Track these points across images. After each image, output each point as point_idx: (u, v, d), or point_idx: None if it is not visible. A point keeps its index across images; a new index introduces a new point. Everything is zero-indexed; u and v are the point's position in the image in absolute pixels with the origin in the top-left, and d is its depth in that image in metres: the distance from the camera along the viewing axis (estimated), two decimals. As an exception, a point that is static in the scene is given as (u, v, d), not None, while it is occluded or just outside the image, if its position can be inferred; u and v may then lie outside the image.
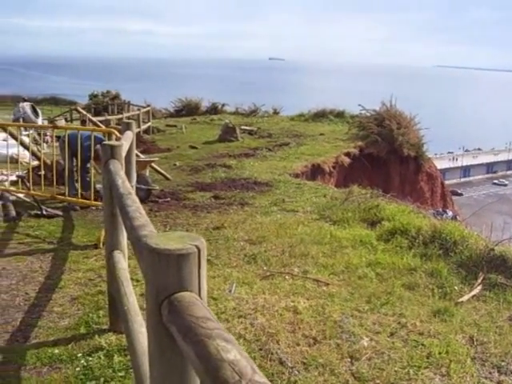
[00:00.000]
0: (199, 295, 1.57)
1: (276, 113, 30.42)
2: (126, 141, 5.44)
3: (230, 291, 5.57)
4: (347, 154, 18.30)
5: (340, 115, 26.57)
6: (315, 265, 6.62)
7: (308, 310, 5.24)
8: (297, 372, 4.11)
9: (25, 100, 24.15)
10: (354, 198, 9.93)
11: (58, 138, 11.11)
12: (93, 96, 38.49)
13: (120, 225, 4.45)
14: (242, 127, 21.52)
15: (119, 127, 8.33)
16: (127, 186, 3.16)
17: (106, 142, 4.86)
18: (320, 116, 26.40)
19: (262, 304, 5.30)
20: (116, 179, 3.42)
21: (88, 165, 9.34)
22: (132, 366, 3.10)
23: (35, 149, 11.37)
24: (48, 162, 10.03)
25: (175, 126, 24.32)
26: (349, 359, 4.39)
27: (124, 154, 4.54)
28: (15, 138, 10.47)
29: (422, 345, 4.67)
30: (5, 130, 10.75)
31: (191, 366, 1.36)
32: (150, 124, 23.10)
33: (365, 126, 20.88)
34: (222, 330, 1.32)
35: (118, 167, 3.92)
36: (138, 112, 23.00)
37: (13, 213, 8.65)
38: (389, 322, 5.10)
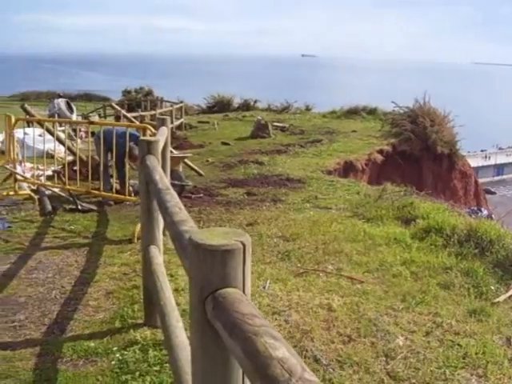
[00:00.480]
0: (243, 291, 1.56)
1: (308, 109, 30.34)
2: (162, 137, 5.46)
3: (264, 288, 5.57)
4: (380, 152, 18.17)
5: (372, 112, 26.41)
6: (349, 262, 6.58)
7: (342, 307, 5.21)
8: (332, 370, 4.09)
9: (60, 96, 24.46)
10: (388, 195, 9.84)
11: (93, 133, 11.24)
12: (126, 92, 38.87)
13: (156, 220, 4.47)
14: (274, 124, 21.49)
15: (154, 123, 8.39)
16: (165, 182, 3.17)
17: (143, 138, 4.89)
18: (352, 113, 26.28)
19: (296, 301, 5.29)
20: (154, 175, 3.43)
21: (123, 160, 9.42)
22: (169, 360, 3.12)
23: (71, 144, 11.51)
24: (83, 157, 10.14)
25: (207, 122, 24.41)
26: (384, 358, 4.35)
27: (160, 149, 4.56)
28: (52, 134, 10.59)
29: (458, 345, 4.61)
30: (41, 126, 10.89)
31: (237, 362, 1.35)
32: (182, 120, 23.21)
33: (398, 123, 20.71)
34: (269, 327, 1.31)
35: (155, 163, 3.94)
36: (170, 108, 23.14)
37: (49, 207, 8.77)
38: (424, 321, 5.05)
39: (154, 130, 7.79)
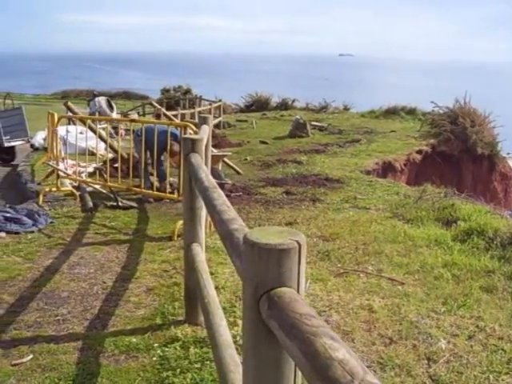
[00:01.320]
0: (297, 291, 1.56)
1: (346, 109, 30.24)
2: (204, 135, 5.48)
3: (305, 287, 5.54)
4: (419, 152, 18.00)
5: (412, 112, 26.19)
6: (389, 263, 6.53)
7: (383, 308, 5.17)
8: (373, 372, 4.05)
9: (95, 95, 24.80)
10: (428, 196, 9.75)
11: (133, 131, 11.33)
12: (165, 91, 39.18)
13: (199, 218, 4.49)
14: (313, 123, 21.46)
15: (194, 121, 8.43)
16: (211, 180, 3.18)
17: (188, 136, 4.91)
18: (391, 113, 26.09)
19: (337, 301, 5.27)
20: (199, 173, 3.44)
21: (163, 158, 9.49)
22: (214, 358, 3.12)
23: (112, 142, 11.64)
24: (124, 154, 10.24)
25: (246, 121, 24.48)
26: (426, 361, 4.30)
27: (204, 147, 4.58)
28: (94, 131, 10.72)
29: (502, 350, 4.52)
30: (83, 123, 11.03)
31: (292, 362, 1.35)
32: (221, 119, 23.30)
33: (437, 123, 20.48)
34: (326, 327, 1.30)
35: (199, 161, 3.96)
36: (209, 107, 23.25)
37: (90, 203, 8.88)
38: (466, 324, 4.97)
39: (194, 128, 7.83)
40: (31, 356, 4.30)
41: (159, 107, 16.31)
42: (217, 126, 22.10)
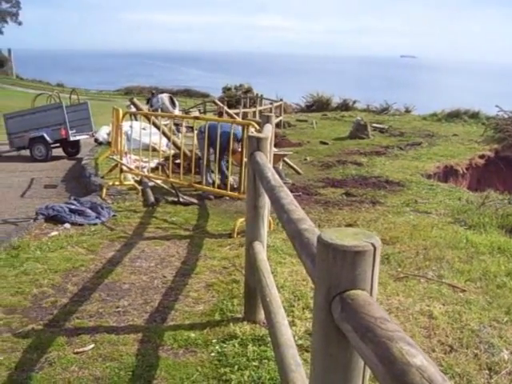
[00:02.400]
0: (370, 294, 1.54)
1: (408, 111, 29.83)
2: (267, 133, 5.50)
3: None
4: (481, 157, 17.58)
5: (475, 116, 25.61)
6: (450, 270, 6.39)
7: (444, 315, 5.07)
8: (433, 379, 3.98)
9: (153, 93, 25.18)
10: (491, 202, 9.52)
11: (192, 128, 11.42)
12: (226, 89, 39.45)
13: (262, 216, 4.51)
14: (373, 125, 21.26)
15: (257, 120, 8.46)
16: (278, 179, 3.18)
17: (253, 134, 4.93)
18: (453, 116, 25.57)
19: (396, 306, 5.20)
20: (266, 171, 3.45)
21: (225, 156, 9.55)
22: (275, 358, 3.12)
23: (175, 138, 11.79)
24: (187, 151, 10.35)
25: (306, 121, 24.42)
26: (487, 371, 4.20)
27: (269, 146, 4.59)
28: (158, 127, 10.89)
29: None
30: (149, 120, 11.21)
31: (369, 366, 1.33)
32: (281, 118, 23.30)
33: (502, 128, 19.97)
34: (402, 332, 1.29)
35: (265, 159, 3.96)
36: (270, 106, 23.26)
37: (151, 198, 9.03)
38: (531, 336, 4.84)
39: (257, 127, 7.86)
40: (93, 345, 4.41)
41: (221, 105, 16.42)
42: (277, 125, 22.11)
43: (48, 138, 16.75)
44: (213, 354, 4.28)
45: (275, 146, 14.10)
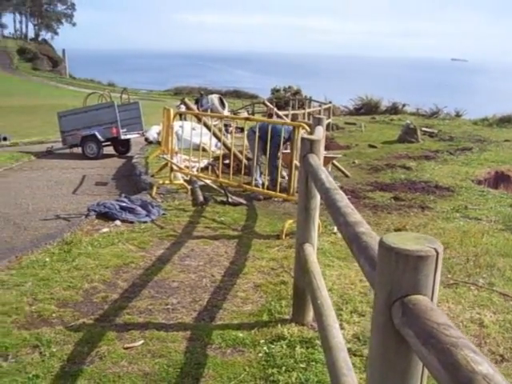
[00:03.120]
0: (431, 300, 1.53)
1: (458, 116, 29.36)
2: (319, 136, 5.49)
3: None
4: (533, 163, 17.17)
5: (528, 121, 25.07)
6: (502, 278, 6.26)
7: (495, 324, 4.97)
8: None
9: (201, 94, 25.37)
10: (545, 211, 9.30)
11: (241, 129, 11.45)
12: (275, 91, 39.48)
13: (313, 218, 4.50)
14: (423, 129, 20.98)
15: (308, 122, 8.44)
16: (332, 181, 3.17)
17: (306, 136, 4.93)
18: (506, 121, 25.06)
19: (446, 313, 5.12)
20: (319, 173, 3.44)
21: (276, 157, 9.54)
22: (326, 361, 3.11)
23: (225, 139, 11.86)
24: (237, 152, 10.39)
25: (354, 123, 24.28)
26: (540, 384, 4.10)
27: (322, 149, 4.58)
28: (208, 128, 10.97)
29: None
30: (199, 120, 11.31)
31: (432, 373, 1.32)
32: (330, 121, 23.21)
33: (557, 134, 19.50)
34: (466, 339, 1.27)
35: (317, 162, 3.96)
36: (319, 108, 23.22)
37: (201, 198, 9.10)
38: None
39: (308, 129, 7.84)
40: (142, 341, 4.47)
41: (271, 107, 16.44)
42: (326, 127, 22.01)
43: (99, 137, 17.07)
44: (260, 355, 4.28)
45: (324, 148, 14.07)
